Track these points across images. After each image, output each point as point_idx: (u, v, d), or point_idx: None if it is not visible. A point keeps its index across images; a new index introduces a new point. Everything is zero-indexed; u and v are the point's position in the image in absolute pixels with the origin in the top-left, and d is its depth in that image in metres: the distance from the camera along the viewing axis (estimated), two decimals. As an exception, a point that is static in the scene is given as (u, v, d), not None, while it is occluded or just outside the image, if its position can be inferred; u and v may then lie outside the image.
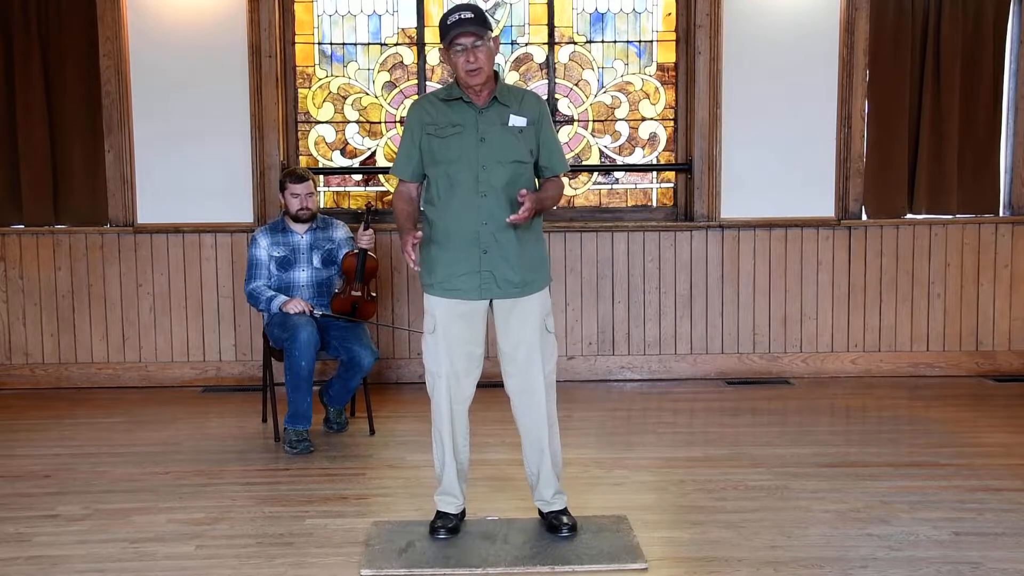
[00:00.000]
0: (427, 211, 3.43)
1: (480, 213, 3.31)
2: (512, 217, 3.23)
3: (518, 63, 6.01)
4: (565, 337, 5.89)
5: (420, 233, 3.34)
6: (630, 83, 6.03)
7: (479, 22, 3.25)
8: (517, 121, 3.35)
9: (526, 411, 3.45)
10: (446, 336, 3.38)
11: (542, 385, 3.42)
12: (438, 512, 3.49)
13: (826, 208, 5.90)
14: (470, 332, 3.40)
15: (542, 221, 3.52)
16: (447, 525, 3.44)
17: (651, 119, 6.05)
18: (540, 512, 3.53)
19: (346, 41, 5.99)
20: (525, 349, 3.40)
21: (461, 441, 3.48)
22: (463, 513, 3.53)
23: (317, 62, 5.98)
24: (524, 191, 3.23)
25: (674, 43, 5.98)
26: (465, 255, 3.34)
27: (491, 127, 3.33)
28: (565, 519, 3.45)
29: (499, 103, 3.35)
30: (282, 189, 4.84)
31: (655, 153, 6.06)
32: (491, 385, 3.90)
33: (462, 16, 3.25)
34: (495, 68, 3.37)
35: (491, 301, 3.40)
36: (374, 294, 4.90)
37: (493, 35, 3.32)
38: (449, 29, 3.25)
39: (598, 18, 6.01)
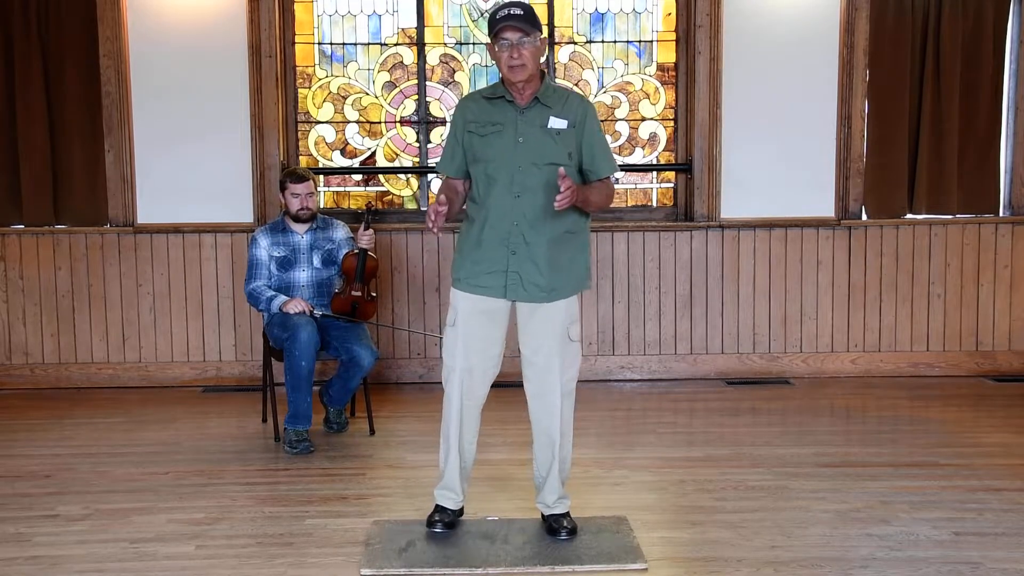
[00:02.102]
0: (469, 208, 3.43)
1: (513, 213, 3.29)
2: (557, 198, 3.11)
3: (518, 63, 6.00)
4: (565, 337, 5.88)
5: (444, 198, 3.27)
6: (630, 83, 6.03)
7: (527, 19, 3.23)
8: (557, 123, 3.31)
9: (541, 416, 3.43)
10: (466, 331, 3.37)
11: (558, 392, 3.39)
12: (436, 506, 3.49)
13: (826, 208, 5.90)
14: (490, 330, 3.38)
15: (587, 229, 3.43)
16: (444, 519, 3.45)
17: (651, 119, 6.05)
18: (541, 514, 3.53)
19: (346, 41, 5.99)
20: (544, 355, 3.37)
21: (468, 439, 3.47)
22: (461, 510, 3.53)
23: (317, 62, 5.98)
24: (562, 170, 3.15)
25: (674, 43, 5.98)
26: (494, 253, 3.32)
27: (530, 128, 3.31)
28: (565, 523, 3.44)
29: (541, 104, 3.32)
30: (282, 189, 4.84)
31: (655, 153, 6.06)
32: (495, 385, 3.90)
33: (511, 12, 3.23)
34: (542, 69, 3.35)
35: (515, 302, 3.38)
36: (374, 294, 4.90)
37: (542, 36, 3.30)
38: (496, 23, 3.23)
39: (598, 18, 6.01)
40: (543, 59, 3.37)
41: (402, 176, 6.09)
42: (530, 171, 3.28)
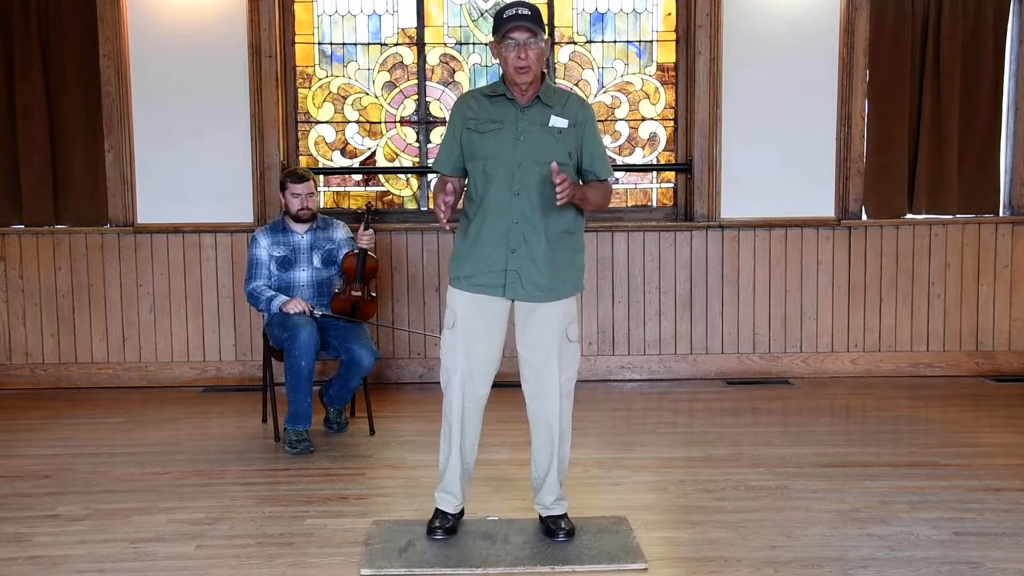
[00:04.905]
0: (466, 206, 3.41)
1: (512, 211, 3.28)
2: (557, 191, 3.08)
3: (518, 63, 6.00)
4: (565, 337, 5.88)
5: (451, 187, 3.25)
6: (630, 83, 6.03)
7: (535, 20, 3.22)
8: (558, 122, 3.30)
9: (539, 416, 3.42)
10: (465, 332, 3.35)
11: (557, 392, 3.38)
12: (436, 510, 3.47)
13: (826, 208, 5.90)
14: (489, 330, 3.37)
15: (582, 229, 3.43)
16: (444, 525, 3.43)
17: (651, 119, 6.05)
18: (539, 516, 3.52)
19: (346, 41, 5.99)
20: (542, 356, 3.36)
21: (470, 441, 3.45)
22: (462, 513, 3.52)
23: (317, 62, 5.98)
24: (555, 164, 3.12)
25: (674, 43, 5.98)
26: (493, 251, 3.31)
27: (531, 126, 3.30)
28: (563, 524, 3.43)
29: (542, 103, 3.31)
30: (282, 189, 4.84)
31: (655, 153, 6.06)
32: (494, 385, 3.90)
33: (519, 12, 3.22)
34: (543, 70, 3.34)
35: (513, 302, 3.37)
36: (374, 294, 4.91)
37: (547, 37, 3.30)
38: (504, 22, 3.22)
39: (598, 18, 6.01)
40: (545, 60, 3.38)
41: (402, 176, 6.09)
42: (530, 169, 3.27)
